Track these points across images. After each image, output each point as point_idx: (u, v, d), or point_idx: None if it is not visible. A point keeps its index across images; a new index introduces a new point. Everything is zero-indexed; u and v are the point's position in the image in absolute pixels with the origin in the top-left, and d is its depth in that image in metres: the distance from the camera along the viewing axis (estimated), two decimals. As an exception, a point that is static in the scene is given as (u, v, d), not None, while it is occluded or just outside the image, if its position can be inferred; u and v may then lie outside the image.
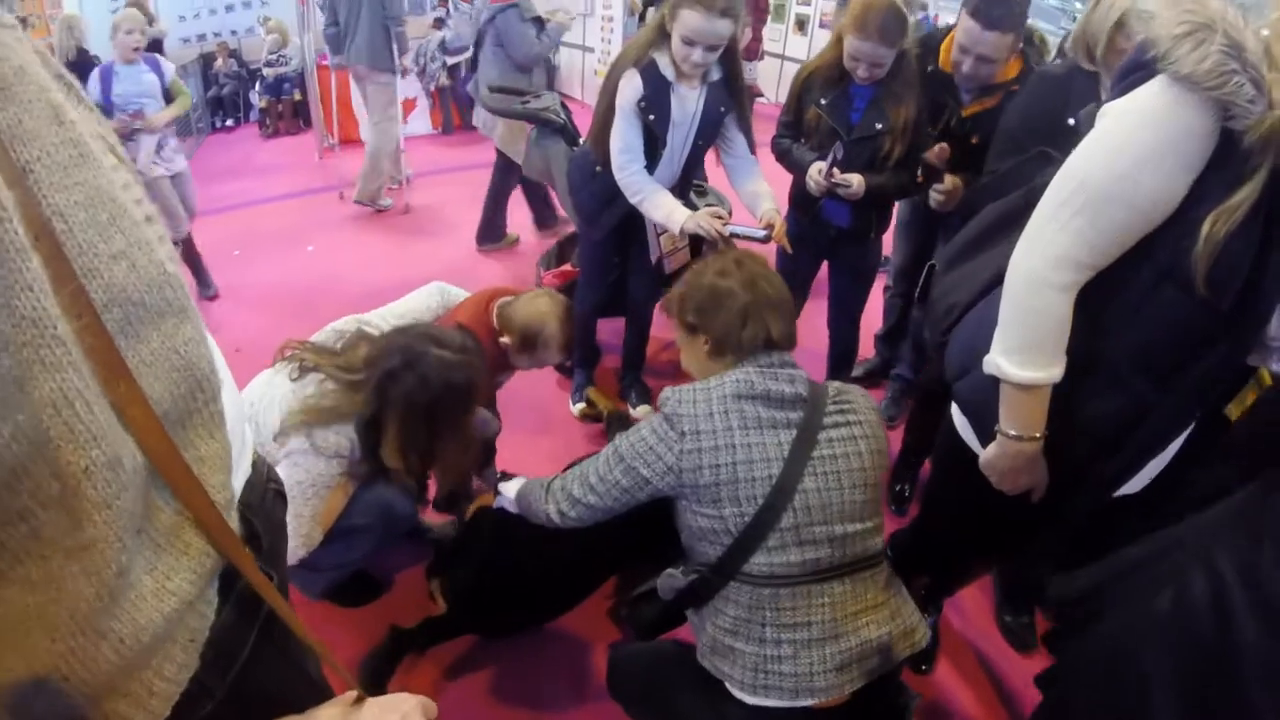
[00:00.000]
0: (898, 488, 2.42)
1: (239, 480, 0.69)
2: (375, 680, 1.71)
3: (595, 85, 7.99)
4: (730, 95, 2.23)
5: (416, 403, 1.45)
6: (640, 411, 2.76)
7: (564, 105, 2.97)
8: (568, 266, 2.99)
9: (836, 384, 1.35)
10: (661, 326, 2.86)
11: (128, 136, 3.17)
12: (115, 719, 0.50)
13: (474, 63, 4.08)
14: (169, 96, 3.36)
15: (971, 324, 1.27)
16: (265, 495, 0.76)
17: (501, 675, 1.80)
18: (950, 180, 2.16)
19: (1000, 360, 1.10)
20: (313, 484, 1.51)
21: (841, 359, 2.68)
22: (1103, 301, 1.06)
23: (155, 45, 4.84)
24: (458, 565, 1.81)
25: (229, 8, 6.91)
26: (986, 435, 1.19)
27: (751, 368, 1.29)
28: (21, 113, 0.41)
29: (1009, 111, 1.90)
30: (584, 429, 2.75)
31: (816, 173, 2.17)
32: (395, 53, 4.35)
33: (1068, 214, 1.02)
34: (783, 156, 2.39)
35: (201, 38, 5.95)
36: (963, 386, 1.27)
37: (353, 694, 0.62)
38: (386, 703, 0.61)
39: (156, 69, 3.36)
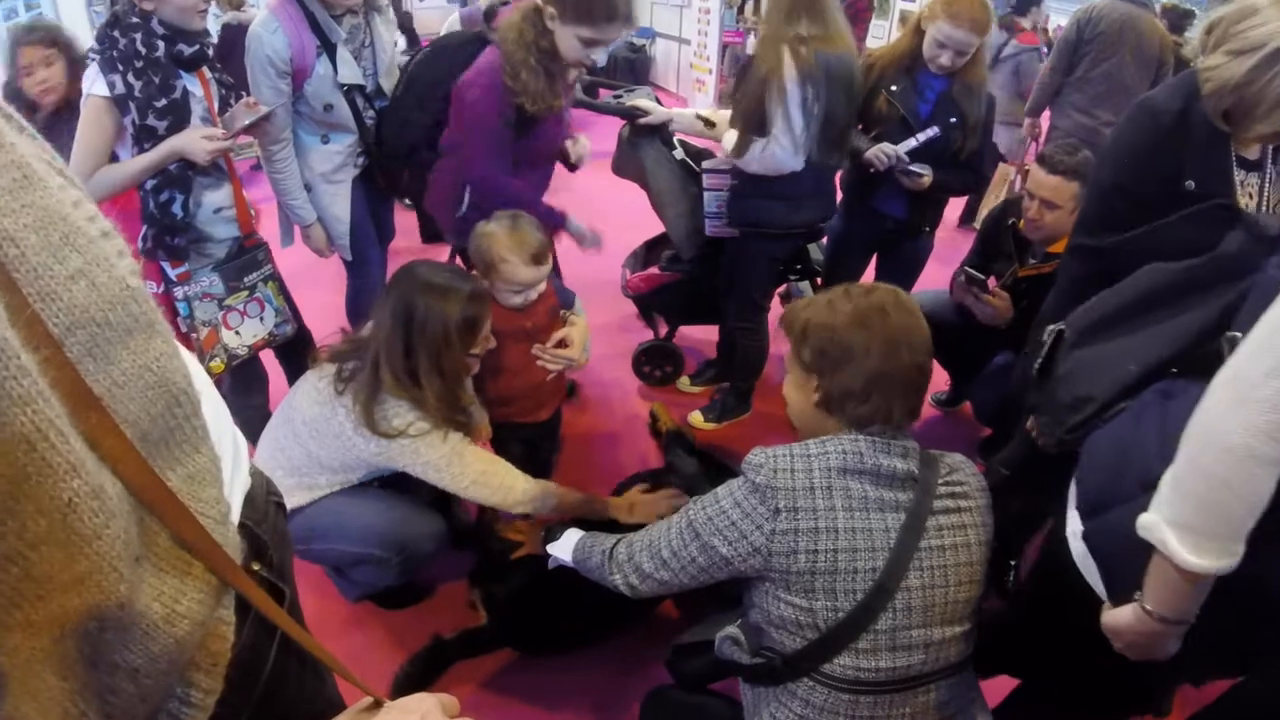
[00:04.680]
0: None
1: (237, 494, 0.68)
2: (414, 689, 1.73)
3: (691, 78, 7.73)
4: None
5: (397, 309, 1.53)
6: (694, 420, 2.70)
7: (658, 100, 2.84)
8: (654, 270, 2.88)
9: (947, 459, 1.18)
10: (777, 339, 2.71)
11: None
12: None
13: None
14: None
15: (1113, 441, 1.00)
16: (268, 508, 0.75)
17: (533, 700, 1.76)
18: (1004, 298, 2.20)
19: (1167, 534, 0.85)
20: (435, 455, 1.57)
21: None
22: None
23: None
24: (502, 576, 1.79)
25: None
26: (1117, 594, 0.96)
27: (861, 435, 1.13)
28: None
29: (1100, 156, 1.58)
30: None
31: (890, 148, 2.17)
32: None
33: None
34: None
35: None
36: (1098, 531, 1.00)
37: (369, 700, 0.61)
38: (404, 704, 0.59)
39: None
